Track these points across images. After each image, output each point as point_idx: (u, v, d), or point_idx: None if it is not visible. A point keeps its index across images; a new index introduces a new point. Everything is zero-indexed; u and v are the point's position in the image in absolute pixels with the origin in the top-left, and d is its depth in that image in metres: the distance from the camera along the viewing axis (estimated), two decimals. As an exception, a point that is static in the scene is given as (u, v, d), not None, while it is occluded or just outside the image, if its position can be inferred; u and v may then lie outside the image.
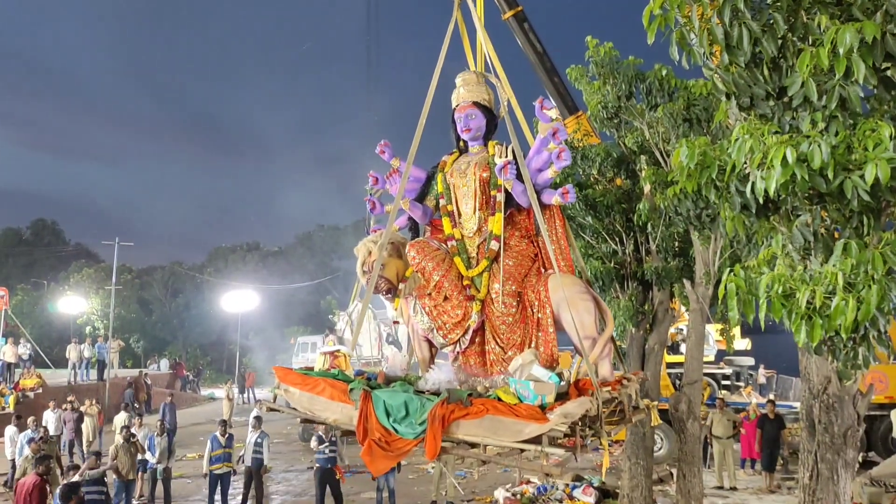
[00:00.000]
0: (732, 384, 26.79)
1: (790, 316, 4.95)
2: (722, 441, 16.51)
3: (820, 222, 5.38)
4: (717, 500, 14.97)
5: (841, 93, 4.77)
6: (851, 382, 5.97)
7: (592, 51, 11.85)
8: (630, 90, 11.78)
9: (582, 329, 6.25)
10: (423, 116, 6.90)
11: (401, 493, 14.95)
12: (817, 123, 4.88)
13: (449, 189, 7.26)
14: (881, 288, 4.62)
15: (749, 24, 4.96)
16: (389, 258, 6.81)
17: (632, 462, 13.41)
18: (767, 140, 4.93)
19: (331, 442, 13.27)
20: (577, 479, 15.84)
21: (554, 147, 6.42)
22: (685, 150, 5.68)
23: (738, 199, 5.52)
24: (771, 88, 5.30)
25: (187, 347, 53.23)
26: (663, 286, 12.24)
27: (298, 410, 6.33)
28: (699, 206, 10.12)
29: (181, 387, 36.40)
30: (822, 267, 4.99)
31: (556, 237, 6.94)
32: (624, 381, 6.37)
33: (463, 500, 15.05)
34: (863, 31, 4.47)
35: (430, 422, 5.45)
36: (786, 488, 16.14)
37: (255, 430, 14.54)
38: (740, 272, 5.34)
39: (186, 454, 19.36)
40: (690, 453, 11.42)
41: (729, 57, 5.20)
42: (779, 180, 4.72)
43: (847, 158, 4.74)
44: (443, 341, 6.87)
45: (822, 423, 6.04)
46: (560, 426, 5.16)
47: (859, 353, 5.22)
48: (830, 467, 6.00)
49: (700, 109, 10.94)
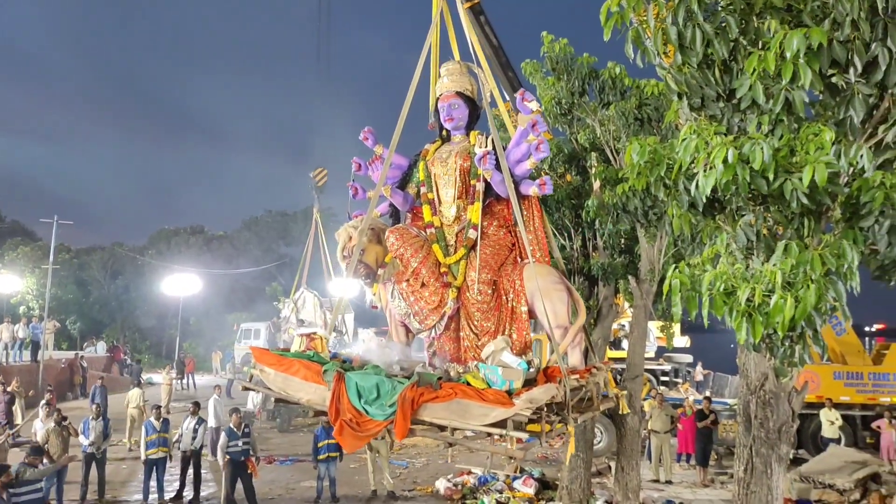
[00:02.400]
0: (671, 380, 27.41)
1: (731, 313, 5.07)
2: (660, 436, 16.85)
3: (763, 223, 5.52)
4: (652, 493, 15.26)
5: (787, 97, 4.90)
6: (787, 380, 6.16)
7: (547, 46, 11.93)
8: (583, 87, 11.91)
9: (554, 318, 6.42)
10: (406, 105, 6.95)
11: (342, 482, 14.90)
12: (763, 126, 5.01)
13: (430, 177, 7.35)
14: (819, 288, 4.76)
15: (702, 25, 5.06)
16: (369, 244, 6.90)
17: (572, 454, 13.61)
18: (712, 140, 5.04)
19: (244, 434, 13.06)
20: (519, 470, 16.02)
21: (533, 139, 6.53)
22: (636, 148, 5.77)
23: (686, 197, 5.63)
24: (721, 90, 5.42)
25: (126, 331, 52.06)
26: (609, 282, 12.43)
27: (273, 390, 6.38)
28: (647, 204, 10.32)
29: (119, 371, 35.58)
30: (763, 266, 5.12)
31: (534, 228, 7.10)
32: (593, 369, 6.54)
33: (404, 490, 15.06)
34: (810, 38, 4.60)
35: (399, 404, 5.56)
36: (719, 483, 16.56)
37: (192, 415, 14.34)
38: (685, 269, 5.45)
39: (122, 439, 18.99)
40: (629, 447, 11.63)
41: (682, 57, 5.30)
42: (720, 179, 4.83)
43: (789, 161, 4.87)
44: (419, 327, 7.00)
45: (758, 419, 6.22)
46: (525, 411, 5.29)
47: (796, 351, 5.38)
48: (764, 461, 6.19)
49: (651, 109, 11.13)
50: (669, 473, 16.76)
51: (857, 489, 14.82)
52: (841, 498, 14.69)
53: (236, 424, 13.04)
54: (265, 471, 15.88)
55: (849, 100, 5.01)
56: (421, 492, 15.12)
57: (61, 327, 41.12)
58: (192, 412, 14.47)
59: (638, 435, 12.15)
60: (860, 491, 14.82)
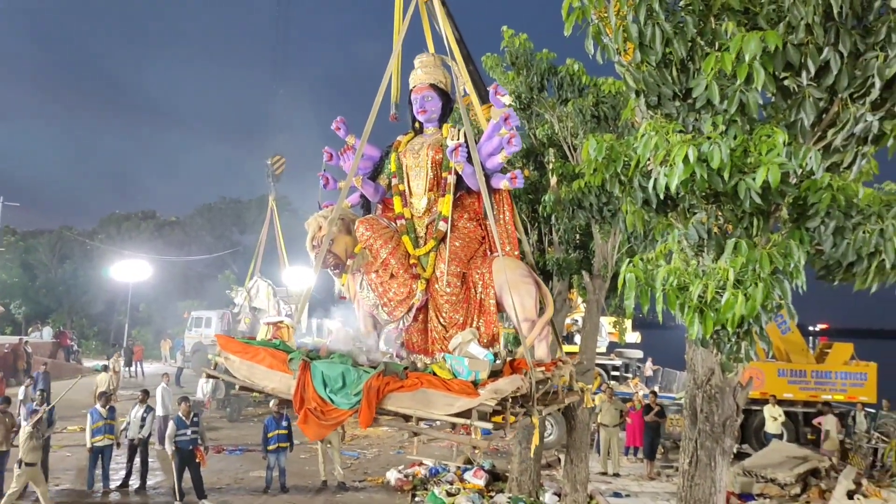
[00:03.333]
0: (621, 375, 27.82)
1: (683, 308, 5.17)
2: (609, 429, 17.09)
3: (714, 221, 5.64)
4: (600, 485, 15.47)
5: (741, 98, 5.01)
6: (733, 375, 6.30)
7: (508, 41, 11.98)
8: (542, 83, 11.99)
9: (522, 311, 6.47)
10: (378, 96, 6.93)
11: (292, 472, 14.81)
12: (718, 126, 5.11)
13: (401, 169, 7.34)
14: (766, 286, 4.89)
15: (662, 24, 5.14)
16: (339, 234, 6.88)
17: (522, 447, 13.73)
18: (671, 138, 5.13)
19: (193, 423, 12.90)
20: (469, 462, 16.11)
21: (505, 132, 6.55)
22: (593, 144, 5.84)
23: (641, 194, 5.72)
24: (678, 89, 5.51)
25: (73, 316, 50.85)
26: (563, 277, 12.54)
27: (238, 378, 6.35)
28: (602, 200, 10.45)
29: (65, 357, 34.78)
30: (714, 263, 5.23)
31: (504, 221, 7.14)
32: (559, 362, 6.60)
33: (354, 481, 15.03)
34: (766, 41, 4.70)
35: (364, 393, 5.57)
36: (665, 476, 16.86)
37: (141, 403, 14.11)
38: (639, 264, 5.53)
39: (67, 426, 18.60)
40: (579, 440, 11.76)
41: (641, 55, 5.38)
42: (680, 177, 4.92)
43: (743, 161, 4.98)
44: (387, 318, 6.99)
45: (704, 413, 6.36)
46: (489, 401, 5.32)
47: (742, 347, 5.50)
48: (709, 454, 6.33)
49: (608, 107, 11.25)
50: (617, 466, 17.02)
51: (798, 484, 15.24)
52: (782, 492, 15.09)
53: (185, 413, 12.86)
54: (214, 460, 15.70)
55: (800, 103, 5.14)
56: (372, 483, 15.11)
57: (5, 311, 40.08)
58: (141, 400, 14.23)
59: (587, 428, 12.30)
60: (801, 485, 15.25)
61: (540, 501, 13.65)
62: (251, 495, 13.86)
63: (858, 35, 4.97)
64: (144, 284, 44.21)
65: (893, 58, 4.84)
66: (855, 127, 5.22)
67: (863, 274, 5.38)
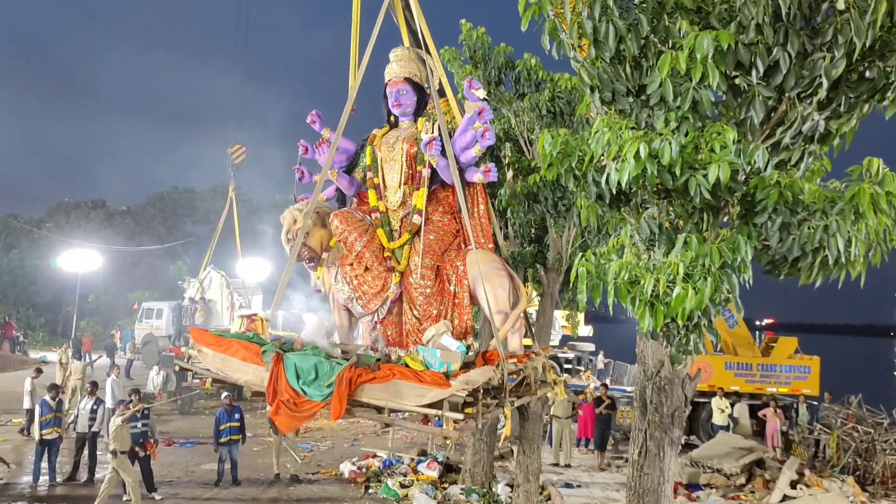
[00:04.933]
0: (574, 368, 28.15)
1: (634, 302, 5.26)
2: (561, 421, 17.30)
3: (665, 216, 5.75)
4: (552, 476, 15.66)
5: (694, 95, 5.12)
6: (682, 367, 6.44)
7: (466, 34, 12.00)
8: (500, 77, 12.05)
9: (495, 303, 6.51)
10: (352, 90, 6.92)
11: (244, 465, 14.68)
12: (670, 123, 5.20)
13: (376, 162, 7.33)
14: (715, 280, 5.00)
15: (616, 21, 5.21)
16: (314, 227, 6.87)
17: (476, 438, 13.83)
18: (624, 134, 5.21)
19: (143, 416, 12.71)
20: (423, 454, 16.16)
21: (479, 126, 6.58)
22: (548, 139, 5.89)
23: (594, 189, 5.80)
24: (631, 86, 5.60)
25: (19, 306, 49.54)
26: (518, 270, 12.63)
27: (211, 371, 6.32)
28: (557, 195, 10.56)
29: (10, 348, 33.92)
30: (665, 258, 5.33)
31: (478, 214, 7.19)
32: (532, 354, 6.68)
33: (308, 474, 14.96)
34: (718, 39, 4.80)
35: (336, 384, 5.58)
36: (615, 467, 17.13)
37: (90, 396, 13.84)
38: (591, 257, 5.61)
39: (12, 419, 18.17)
40: (531, 431, 11.88)
41: (595, 51, 5.45)
42: (631, 173, 5.01)
43: (694, 158, 5.09)
44: (361, 311, 7.00)
45: (653, 404, 6.48)
46: (460, 392, 5.35)
47: (691, 340, 5.63)
48: (658, 444, 6.46)
49: (564, 103, 11.35)
50: (569, 457, 17.24)
51: (743, 474, 15.65)
52: (728, 482, 15.47)
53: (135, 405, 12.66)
54: (164, 453, 15.50)
55: (750, 101, 5.26)
56: (325, 475, 15.06)
57: (-53, 301, 38.90)
58: (90, 392, 13.98)
59: (540, 420, 12.43)
60: (746, 476, 15.65)
61: (493, 492, 13.76)
62: (202, 488, 13.71)
63: (806, 36, 5.10)
64: (94, 275, 43.27)
65: (839, 58, 4.98)
66: (802, 126, 5.36)
67: (807, 269, 5.53)
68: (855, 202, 5.12)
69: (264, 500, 13.26)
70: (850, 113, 5.43)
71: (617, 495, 14.09)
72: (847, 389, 20.35)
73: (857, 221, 5.15)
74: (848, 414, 18.37)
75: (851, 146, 5.86)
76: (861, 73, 5.26)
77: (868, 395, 19.44)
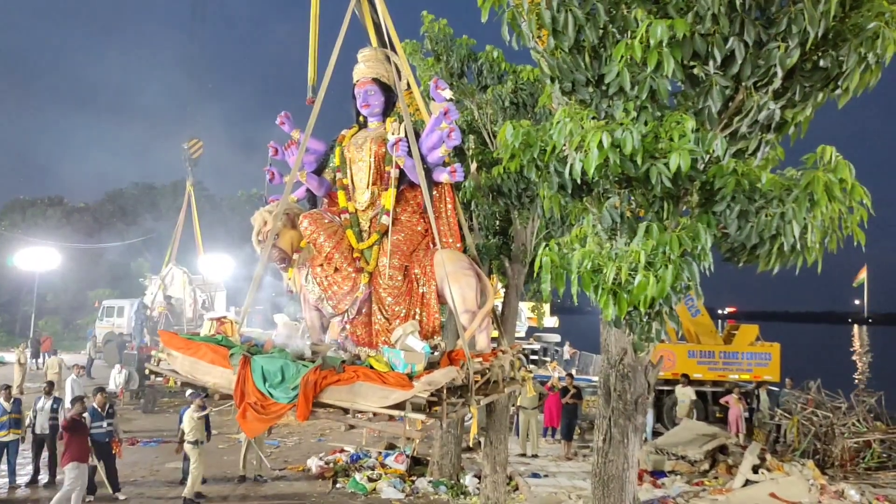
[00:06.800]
0: (540, 359, 28.37)
1: (597, 290, 5.31)
2: (528, 411, 17.41)
3: (627, 205, 5.80)
4: (519, 466, 15.76)
5: (652, 85, 5.17)
6: (644, 354, 6.52)
7: (427, 26, 11.97)
8: (462, 69, 12.04)
9: (462, 303, 6.57)
10: (321, 90, 6.90)
11: (209, 463, 14.53)
12: (629, 112, 5.25)
13: (345, 163, 7.35)
14: (676, 268, 5.06)
15: (574, 11, 5.25)
16: (284, 228, 6.88)
17: (443, 431, 13.86)
18: (586, 124, 5.24)
19: (108, 415, 12.53)
20: (390, 447, 16.17)
21: (445, 126, 6.61)
22: (510, 130, 5.92)
23: (557, 179, 5.84)
24: (591, 75, 5.63)
25: (-26, 306, 48.55)
26: (483, 262, 12.66)
27: (181, 374, 6.35)
28: (520, 187, 10.59)
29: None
30: (626, 246, 5.38)
31: (446, 214, 7.22)
32: (499, 353, 6.73)
33: (274, 469, 14.87)
34: (674, 28, 4.85)
35: (301, 387, 5.60)
36: (581, 456, 17.28)
37: (47, 396, 13.61)
38: (554, 247, 5.65)
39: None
40: (498, 422, 11.95)
41: (555, 41, 5.48)
42: (595, 163, 5.04)
43: (654, 147, 5.14)
44: (332, 311, 7.01)
45: (617, 391, 6.55)
46: (423, 393, 5.37)
47: (653, 327, 5.70)
48: (622, 431, 6.54)
49: (527, 94, 11.39)
50: (536, 448, 17.35)
51: (707, 460, 15.89)
52: (692, 468, 15.70)
53: (100, 405, 12.45)
54: (128, 452, 15.28)
55: (707, 90, 5.32)
56: (292, 470, 14.98)
57: None
58: (46, 392, 13.74)
59: (506, 411, 12.51)
60: (709, 462, 15.90)
61: (461, 484, 13.83)
62: (167, 487, 13.56)
63: (762, 25, 5.18)
64: (52, 273, 42.50)
65: (794, 48, 5.06)
66: (759, 115, 5.45)
67: (765, 256, 5.62)
68: (810, 189, 5.22)
69: (233, 498, 13.16)
70: (804, 102, 5.52)
71: (584, 484, 14.21)
72: (807, 375, 20.76)
73: (813, 208, 5.25)
74: (808, 399, 18.73)
75: (806, 134, 5.97)
76: (815, 63, 5.35)
77: (827, 380, 19.82)
